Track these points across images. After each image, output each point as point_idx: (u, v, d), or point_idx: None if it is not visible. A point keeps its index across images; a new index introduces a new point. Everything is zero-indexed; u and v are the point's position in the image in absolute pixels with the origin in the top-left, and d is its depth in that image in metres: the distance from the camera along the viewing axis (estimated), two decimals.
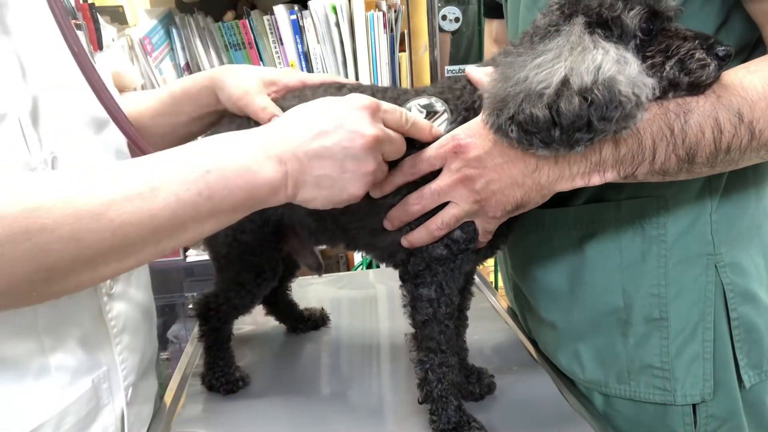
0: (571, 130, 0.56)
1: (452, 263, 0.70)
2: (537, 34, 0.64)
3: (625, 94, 0.54)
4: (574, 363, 0.81)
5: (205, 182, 0.53)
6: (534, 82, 0.56)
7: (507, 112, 0.58)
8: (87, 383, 0.65)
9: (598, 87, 0.54)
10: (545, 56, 0.58)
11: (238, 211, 0.57)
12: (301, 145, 0.58)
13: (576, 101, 0.54)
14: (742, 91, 0.60)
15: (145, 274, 0.81)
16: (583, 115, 0.55)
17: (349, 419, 0.79)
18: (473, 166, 0.64)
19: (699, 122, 0.60)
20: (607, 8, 0.60)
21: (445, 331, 0.71)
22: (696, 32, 0.61)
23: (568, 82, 0.55)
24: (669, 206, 0.73)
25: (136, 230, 0.51)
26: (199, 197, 0.53)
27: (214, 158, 0.55)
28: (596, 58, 0.56)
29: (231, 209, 0.56)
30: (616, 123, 0.55)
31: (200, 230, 0.56)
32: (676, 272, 0.73)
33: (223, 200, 0.55)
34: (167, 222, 0.52)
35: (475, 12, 2.07)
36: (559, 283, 0.81)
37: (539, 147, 0.58)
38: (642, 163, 0.62)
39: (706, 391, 0.73)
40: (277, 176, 0.57)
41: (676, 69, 0.59)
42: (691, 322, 0.73)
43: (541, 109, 0.55)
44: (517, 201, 0.65)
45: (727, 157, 0.61)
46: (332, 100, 0.62)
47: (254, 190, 0.56)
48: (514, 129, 0.58)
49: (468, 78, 0.69)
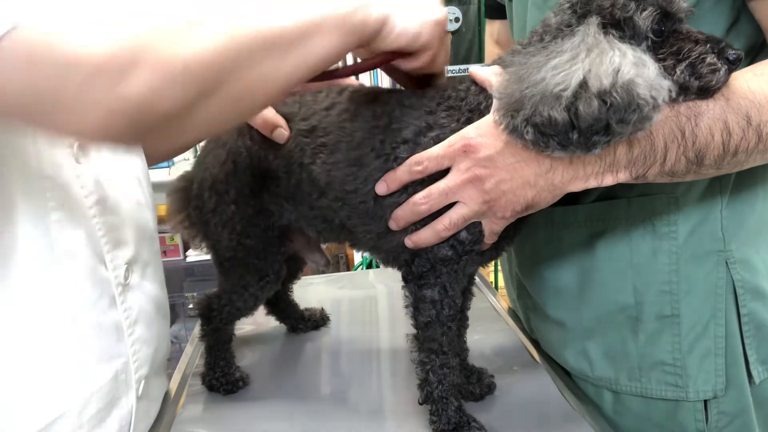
0: (589, 132, 0.55)
1: (456, 264, 0.69)
2: (548, 33, 0.63)
3: (643, 97, 0.54)
4: (582, 361, 0.81)
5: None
6: (551, 84, 0.56)
7: (523, 114, 0.57)
8: (109, 372, 0.66)
9: (617, 90, 0.54)
10: (561, 57, 0.57)
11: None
12: None
13: (595, 104, 0.54)
14: (750, 95, 0.60)
15: (159, 269, 0.81)
16: (602, 117, 0.54)
17: (349, 419, 0.79)
18: (483, 166, 0.64)
19: (709, 125, 0.60)
20: (620, 8, 0.60)
21: (447, 333, 0.70)
22: (707, 35, 0.61)
23: (587, 85, 0.55)
24: (679, 203, 0.73)
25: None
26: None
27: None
28: (614, 60, 0.55)
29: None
30: (633, 125, 0.55)
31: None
32: (688, 269, 0.73)
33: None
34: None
35: (475, 12, 2.07)
36: (568, 281, 0.81)
37: (556, 149, 0.58)
38: (653, 165, 0.62)
39: (718, 387, 0.74)
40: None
41: (686, 73, 0.59)
42: (703, 318, 0.73)
43: (559, 111, 0.55)
44: (528, 201, 0.65)
45: (734, 159, 0.62)
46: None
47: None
48: (530, 131, 0.57)
49: (473, 78, 0.69)
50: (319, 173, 0.71)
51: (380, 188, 0.68)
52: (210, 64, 0.50)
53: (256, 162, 0.76)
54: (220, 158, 0.78)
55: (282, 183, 0.75)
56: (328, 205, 0.73)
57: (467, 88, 0.69)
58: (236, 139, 0.78)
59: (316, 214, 0.75)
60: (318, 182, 0.72)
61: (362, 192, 0.70)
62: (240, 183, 0.77)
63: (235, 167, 0.77)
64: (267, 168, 0.76)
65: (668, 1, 0.60)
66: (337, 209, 0.72)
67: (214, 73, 0.51)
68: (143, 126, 0.49)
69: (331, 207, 0.73)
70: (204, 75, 0.50)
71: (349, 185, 0.70)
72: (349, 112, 0.72)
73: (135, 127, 0.49)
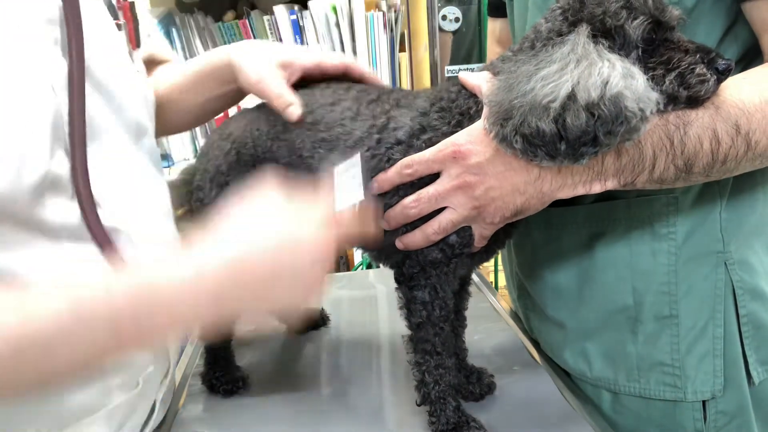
0: (576, 144, 0.56)
1: (446, 267, 0.70)
2: (538, 39, 0.63)
3: (631, 110, 0.54)
4: (581, 361, 0.81)
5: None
6: (540, 95, 0.56)
7: (512, 123, 0.58)
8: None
9: (605, 102, 0.54)
10: (550, 67, 0.58)
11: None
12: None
13: (583, 116, 0.54)
14: (740, 103, 0.60)
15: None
16: (589, 130, 0.55)
17: (349, 419, 0.79)
18: (473, 173, 0.64)
19: (698, 134, 0.60)
20: (611, 17, 0.60)
21: (440, 334, 0.70)
22: (698, 45, 0.61)
23: (575, 96, 0.55)
24: (679, 204, 0.73)
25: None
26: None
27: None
28: (603, 72, 0.55)
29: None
30: (620, 136, 0.56)
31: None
32: (687, 270, 0.74)
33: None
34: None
35: (476, 12, 2.06)
36: (567, 282, 0.81)
37: (544, 159, 0.58)
38: (642, 172, 0.62)
39: (716, 387, 0.74)
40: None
41: (675, 83, 0.59)
42: (702, 319, 0.74)
43: (547, 123, 0.55)
44: (517, 207, 0.65)
45: (723, 167, 0.62)
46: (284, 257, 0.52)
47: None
48: (519, 140, 0.58)
49: (462, 84, 0.69)
50: (317, 168, 0.71)
51: (372, 188, 0.68)
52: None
53: (260, 152, 0.76)
54: (223, 149, 0.79)
55: (282, 174, 0.75)
56: None
57: (458, 91, 0.69)
58: (244, 128, 0.78)
59: None
60: (315, 177, 0.72)
61: None
62: (242, 175, 0.77)
63: (238, 158, 0.77)
64: (270, 159, 0.76)
65: (660, 10, 0.60)
66: None
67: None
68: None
69: None
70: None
71: None
72: (352, 111, 0.72)
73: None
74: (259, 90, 0.77)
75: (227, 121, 0.83)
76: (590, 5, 0.61)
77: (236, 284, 0.50)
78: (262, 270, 0.51)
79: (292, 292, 0.53)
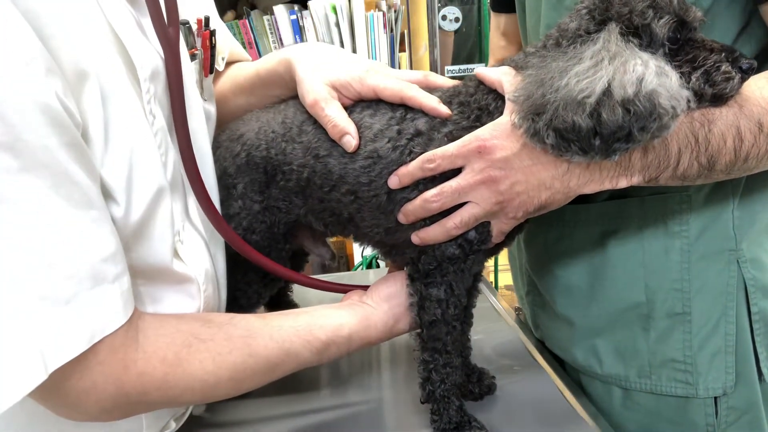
0: (610, 139, 0.56)
1: (463, 263, 0.70)
2: (564, 37, 0.64)
3: (664, 107, 0.55)
4: (591, 358, 0.82)
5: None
6: (575, 90, 0.56)
7: (544, 118, 0.58)
8: None
9: (640, 99, 0.55)
10: (583, 64, 0.58)
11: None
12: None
13: (619, 112, 0.55)
14: (763, 101, 0.61)
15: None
16: (624, 125, 0.55)
17: (349, 419, 0.79)
18: (499, 168, 0.64)
19: (722, 131, 0.61)
20: (638, 15, 0.60)
21: (452, 332, 0.70)
22: (722, 44, 0.62)
23: (611, 93, 0.55)
24: (692, 202, 0.74)
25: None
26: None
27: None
28: (637, 69, 0.56)
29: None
30: (652, 133, 0.56)
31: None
32: (699, 267, 0.74)
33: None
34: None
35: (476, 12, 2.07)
36: (578, 279, 0.81)
37: (576, 154, 0.58)
38: (667, 169, 0.63)
39: (728, 384, 0.74)
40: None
41: (701, 80, 0.60)
42: (714, 316, 0.74)
43: (583, 117, 0.56)
44: (541, 202, 0.65)
45: (744, 165, 0.63)
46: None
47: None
48: (552, 135, 0.58)
49: (480, 79, 0.69)
50: (334, 165, 0.71)
51: (392, 182, 0.68)
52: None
53: (273, 154, 0.75)
54: (233, 151, 0.78)
55: (293, 177, 0.75)
56: (339, 199, 0.72)
57: (477, 86, 0.69)
58: (257, 131, 0.77)
59: (324, 207, 0.75)
60: (331, 175, 0.72)
61: (376, 185, 0.70)
62: (249, 177, 0.77)
63: (247, 160, 0.77)
64: (282, 161, 0.75)
65: (684, 10, 0.61)
66: (348, 203, 0.72)
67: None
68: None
69: (341, 200, 0.73)
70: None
71: (363, 177, 0.70)
72: (371, 108, 0.72)
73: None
74: (314, 113, 0.74)
75: (237, 123, 0.82)
76: (617, 4, 0.61)
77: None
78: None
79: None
